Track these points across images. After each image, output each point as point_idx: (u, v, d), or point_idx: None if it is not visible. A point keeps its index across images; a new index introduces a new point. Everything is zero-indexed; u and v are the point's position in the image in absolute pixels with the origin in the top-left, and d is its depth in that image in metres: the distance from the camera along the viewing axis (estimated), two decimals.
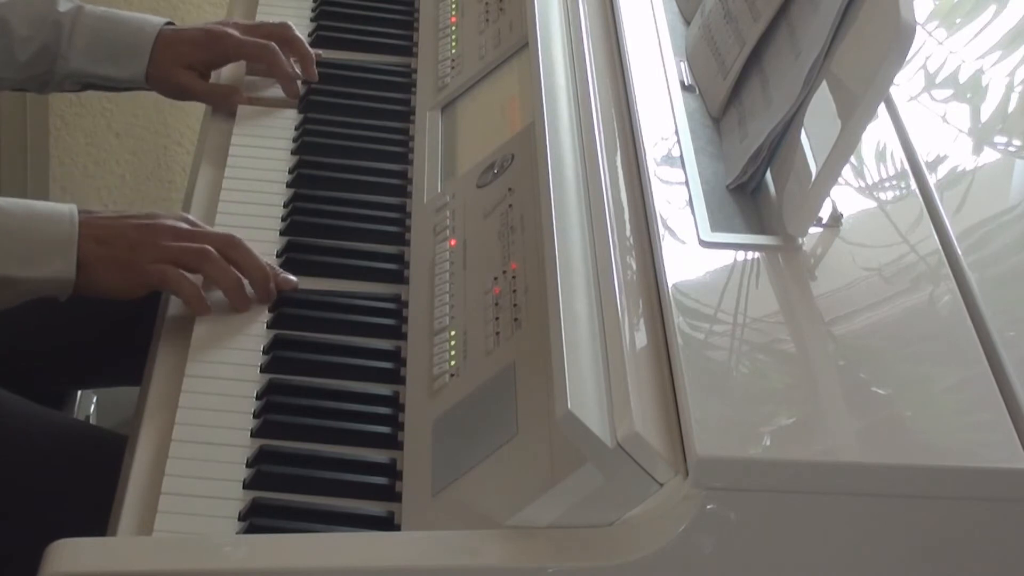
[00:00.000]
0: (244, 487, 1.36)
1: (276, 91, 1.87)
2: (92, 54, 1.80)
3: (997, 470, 1.23)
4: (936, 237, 1.43)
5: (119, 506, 1.33)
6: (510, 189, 1.56)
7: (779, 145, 1.45)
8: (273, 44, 1.85)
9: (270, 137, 1.80)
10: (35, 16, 1.79)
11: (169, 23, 1.84)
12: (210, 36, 1.84)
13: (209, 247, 1.53)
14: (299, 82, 1.87)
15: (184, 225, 1.55)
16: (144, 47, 1.81)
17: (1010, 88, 1.69)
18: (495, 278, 1.48)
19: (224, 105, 1.84)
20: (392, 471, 1.39)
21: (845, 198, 1.45)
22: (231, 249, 1.54)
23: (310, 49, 1.88)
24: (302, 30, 1.97)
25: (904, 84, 1.66)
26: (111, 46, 1.81)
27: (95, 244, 1.51)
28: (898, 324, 1.36)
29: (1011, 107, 1.68)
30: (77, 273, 1.50)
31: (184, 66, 1.82)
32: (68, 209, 1.52)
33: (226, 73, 1.89)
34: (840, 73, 1.39)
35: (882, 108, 1.57)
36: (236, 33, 1.84)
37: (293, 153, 1.78)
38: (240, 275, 1.53)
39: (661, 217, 1.42)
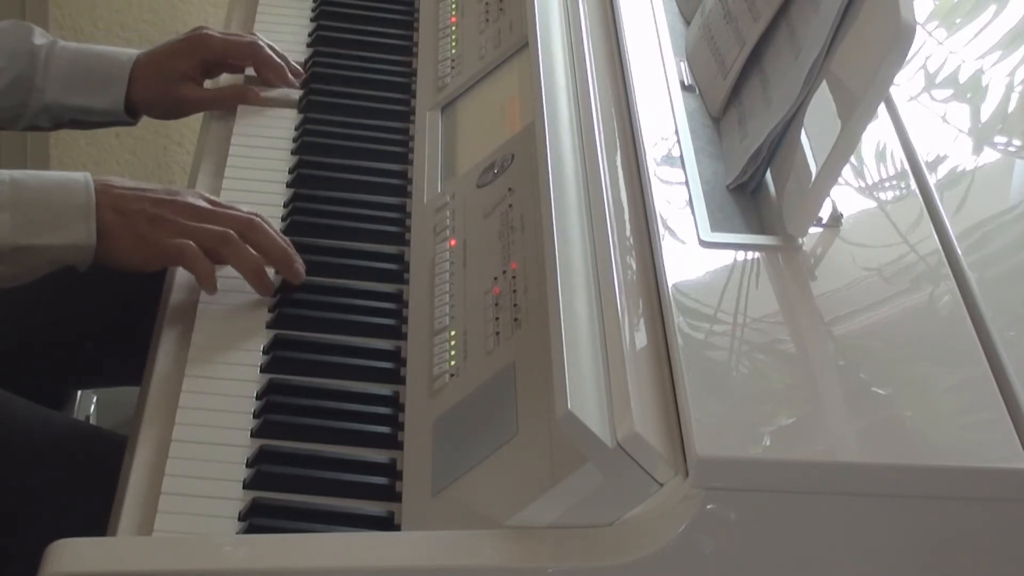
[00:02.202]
0: (244, 487, 1.36)
1: (276, 91, 1.86)
2: (69, 84, 1.79)
3: (997, 470, 1.23)
4: (936, 237, 1.43)
5: (119, 506, 1.33)
6: (510, 189, 1.56)
7: (779, 145, 1.45)
8: (257, 39, 1.84)
9: (270, 137, 1.80)
10: (10, 47, 1.78)
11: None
12: (192, 41, 1.82)
13: (231, 231, 1.53)
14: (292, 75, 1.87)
15: (204, 203, 1.55)
16: (121, 75, 1.80)
17: (1010, 88, 1.69)
18: (495, 278, 1.48)
19: (240, 104, 1.83)
20: (392, 471, 1.39)
21: (845, 198, 1.45)
22: (252, 232, 1.54)
23: (278, 60, 1.86)
24: (302, 30, 1.97)
25: (904, 84, 1.66)
26: (88, 75, 1.79)
27: (113, 213, 1.51)
28: (898, 324, 1.36)
29: (1011, 107, 1.68)
30: (96, 241, 1.50)
31: (180, 78, 1.81)
32: (83, 176, 1.52)
33: (225, 78, 1.89)
34: (840, 73, 1.39)
35: (882, 108, 1.57)
36: (215, 32, 1.84)
37: (293, 153, 1.77)
38: (261, 259, 1.53)
39: (661, 217, 1.42)
